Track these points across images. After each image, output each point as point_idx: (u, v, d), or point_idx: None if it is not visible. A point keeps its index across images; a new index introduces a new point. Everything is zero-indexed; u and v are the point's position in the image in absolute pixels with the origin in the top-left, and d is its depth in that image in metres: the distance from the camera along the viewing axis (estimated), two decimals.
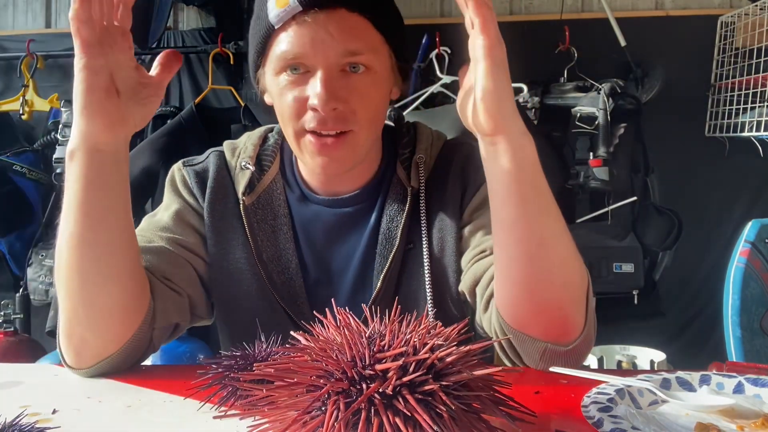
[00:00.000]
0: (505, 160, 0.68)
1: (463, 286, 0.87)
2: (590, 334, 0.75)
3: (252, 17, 0.86)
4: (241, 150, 0.96)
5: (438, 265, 0.89)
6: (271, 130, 0.99)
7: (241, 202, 0.91)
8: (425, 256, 0.89)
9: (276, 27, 0.80)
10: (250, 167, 0.93)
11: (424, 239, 0.89)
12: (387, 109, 0.91)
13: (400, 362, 0.45)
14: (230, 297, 0.92)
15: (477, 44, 0.65)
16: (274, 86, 0.84)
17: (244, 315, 0.91)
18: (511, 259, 0.72)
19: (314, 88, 0.79)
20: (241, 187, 0.92)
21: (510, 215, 0.70)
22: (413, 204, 0.90)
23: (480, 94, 0.66)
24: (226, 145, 0.98)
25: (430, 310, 0.87)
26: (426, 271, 0.88)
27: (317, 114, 0.80)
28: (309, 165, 0.87)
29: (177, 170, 0.97)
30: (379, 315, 0.54)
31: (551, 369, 0.73)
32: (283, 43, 0.80)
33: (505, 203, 0.70)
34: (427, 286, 0.88)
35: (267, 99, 0.90)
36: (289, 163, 0.96)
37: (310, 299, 0.91)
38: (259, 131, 0.99)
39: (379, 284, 0.88)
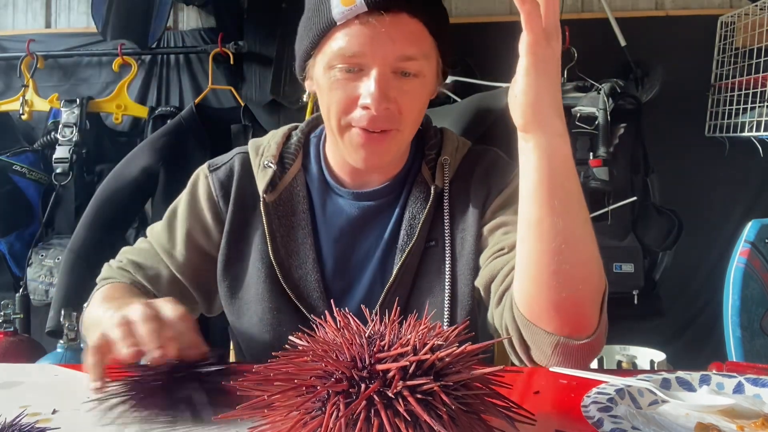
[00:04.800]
0: (534, 158, 0.69)
1: (479, 283, 0.88)
2: (602, 336, 0.76)
3: (306, 8, 0.88)
4: (264, 149, 0.98)
5: (458, 264, 0.91)
6: (295, 128, 1.02)
7: (261, 200, 0.93)
8: (447, 254, 0.91)
9: (338, 23, 0.82)
10: (272, 166, 0.95)
11: (446, 237, 0.92)
12: (426, 109, 0.94)
13: (401, 363, 0.45)
14: (246, 294, 0.94)
15: (521, 39, 0.65)
16: (324, 79, 0.86)
17: (258, 311, 0.93)
18: (532, 255, 0.72)
19: (368, 88, 0.82)
20: (262, 185, 0.94)
21: (534, 214, 0.70)
22: (436, 202, 0.93)
23: (517, 89, 0.67)
24: (251, 144, 1.01)
25: (446, 307, 0.89)
26: (447, 269, 0.90)
27: (369, 112, 0.82)
28: (351, 157, 0.89)
29: (203, 178, 0.99)
30: (379, 315, 0.54)
31: (552, 369, 0.73)
32: (342, 40, 0.82)
33: (531, 201, 0.70)
34: (446, 283, 0.90)
35: (308, 86, 0.92)
36: (315, 159, 0.98)
37: (326, 293, 0.93)
38: (283, 130, 1.02)
39: (392, 277, 0.90)
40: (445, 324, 0.88)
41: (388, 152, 0.88)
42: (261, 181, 0.94)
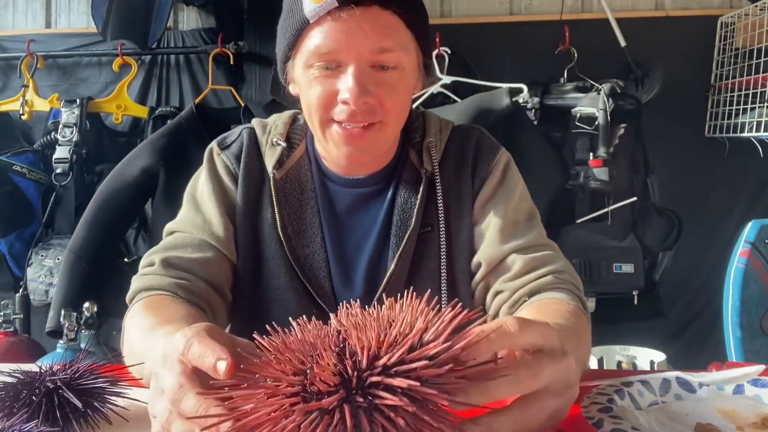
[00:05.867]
0: None
1: (488, 301, 0.92)
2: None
3: (282, 10, 0.88)
4: (271, 127, 0.99)
5: (453, 250, 0.92)
6: (299, 112, 1.02)
7: (271, 176, 0.93)
8: (442, 239, 0.92)
9: (311, 21, 0.81)
10: (282, 144, 0.96)
11: (441, 223, 0.92)
12: (410, 103, 0.93)
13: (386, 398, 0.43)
14: (254, 269, 0.94)
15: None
16: (303, 79, 0.86)
17: (265, 288, 0.93)
18: None
19: (346, 83, 0.81)
20: (271, 162, 0.94)
21: None
22: (428, 187, 0.93)
23: None
24: (256, 122, 1.01)
25: (444, 292, 0.91)
26: (443, 254, 0.91)
27: (348, 107, 0.82)
28: (333, 154, 0.90)
29: (216, 156, 0.98)
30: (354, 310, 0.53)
31: None
32: (317, 38, 0.82)
33: None
34: (443, 269, 0.91)
35: (292, 89, 0.92)
36: (311, 144, 0.98)
37: (331, 275, 0.93)
38: (288, 113, 1.03)
39: (393, 266, 0.90)
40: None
41: (372, 148, 0.88)
42: (270, 158, 0.95)
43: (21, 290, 2.30)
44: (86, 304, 1.81)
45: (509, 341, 0.48)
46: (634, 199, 2.09)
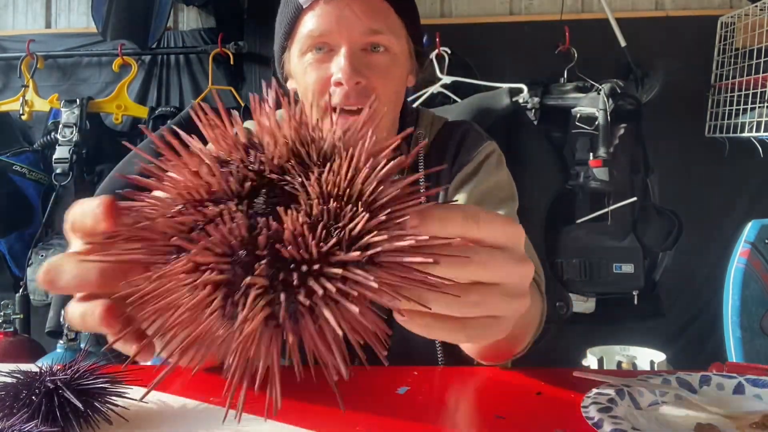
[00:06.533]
0: None
1: None
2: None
3: (279, 3, 0.92)
4: None
5: None
6: None
7: None
8: None
9: (304, 6, 0.85)
10: None
11: None
12: (404, 91, 0.95)
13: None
14: None
15: None
16: (299, 67, 0.88)
17: None
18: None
19: (338, 64, 0.84)
20: None
21: None
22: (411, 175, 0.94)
23: None
24: (253, 122, 1.03)
25: None
26: None
27: (341, 88, 0.84)
28: None
29: None
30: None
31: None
32: (310, 22, 0.85)
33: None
34: None
35: (290, 85, 0.94)
36: None
37: None
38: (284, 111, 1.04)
39: None
40: None
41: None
42: None
43: (21, 290, 2.29)
44: None
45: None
46: (634, 199, 2.09)
